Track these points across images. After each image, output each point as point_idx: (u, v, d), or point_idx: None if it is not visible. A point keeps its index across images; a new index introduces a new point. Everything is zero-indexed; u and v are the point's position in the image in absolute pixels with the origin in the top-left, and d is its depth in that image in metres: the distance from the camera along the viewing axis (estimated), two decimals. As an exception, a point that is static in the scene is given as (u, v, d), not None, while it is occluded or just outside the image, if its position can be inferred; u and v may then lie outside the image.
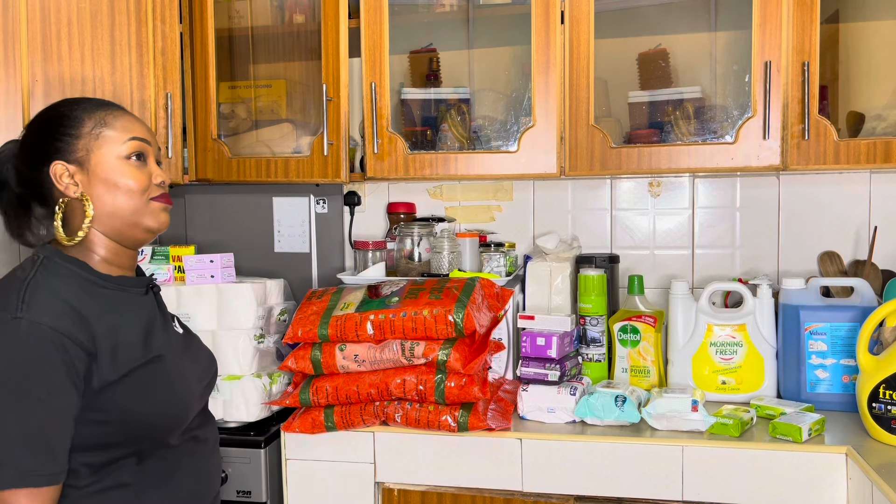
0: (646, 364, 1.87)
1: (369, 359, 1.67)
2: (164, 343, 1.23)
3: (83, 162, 1.19)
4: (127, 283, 1.23)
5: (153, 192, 1.23)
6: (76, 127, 1.20)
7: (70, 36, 1.69)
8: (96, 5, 1.73)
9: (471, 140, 2.02)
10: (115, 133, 1.21)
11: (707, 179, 2.11)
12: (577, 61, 1.81)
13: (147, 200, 1.22)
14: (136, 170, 1.21)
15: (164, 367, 1.19)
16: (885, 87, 1.89)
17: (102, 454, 1.13)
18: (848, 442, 1.53)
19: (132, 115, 1.26)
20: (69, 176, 1.19)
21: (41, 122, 1.23)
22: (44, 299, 1.10)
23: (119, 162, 1.20)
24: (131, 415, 1.13)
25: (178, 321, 1.37)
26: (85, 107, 1.23)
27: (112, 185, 1.20)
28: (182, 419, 1.21)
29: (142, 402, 1.14)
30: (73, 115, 1.21)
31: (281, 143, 2.07)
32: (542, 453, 1.63)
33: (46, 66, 1.66)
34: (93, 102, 1.24)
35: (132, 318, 1.19)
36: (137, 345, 1.17)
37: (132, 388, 1.13)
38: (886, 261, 1.98)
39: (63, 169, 1.19)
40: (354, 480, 1.72)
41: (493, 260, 2.01)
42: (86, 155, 1.19)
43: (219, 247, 2.25)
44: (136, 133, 1.23)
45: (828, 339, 1.75)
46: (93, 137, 1.20)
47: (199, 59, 2.01)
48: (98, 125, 1.21)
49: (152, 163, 1.25)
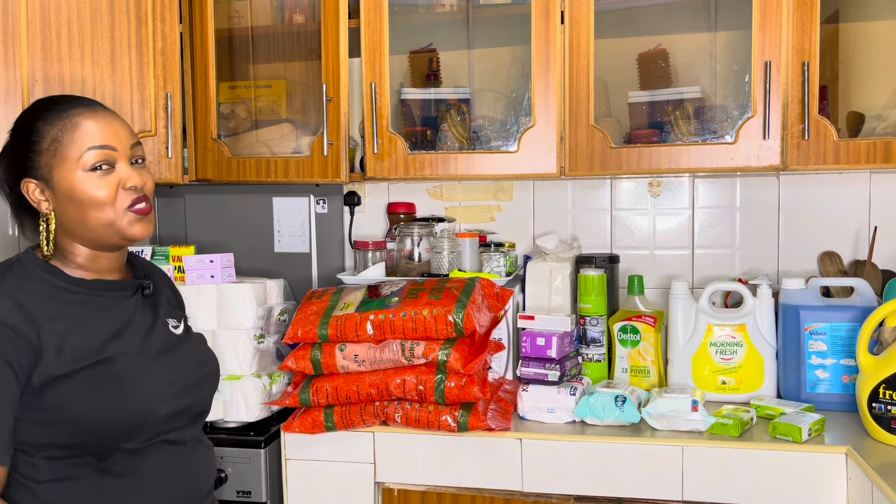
0: (646, 364, 1.87)
1: (369, 359, 1.67)
2: (129, 346, 1.18)
3: (48, 179, 1.16)
4: (103, 286, 1.20)
5: (125, 198, 1.17)
6: (37, 143, 1.16)
7: (70, 36, 1.69)
8: (96, 5, 1.72)
9: (471, 140, 2.01)
10: (73, 146, 1.15)
11: (707, 179, 2.11)
12: (577, 61, 1.81)
13: (121, 210, 1.17)
14: (100, 180, 1.16)
15: (113, 370, 1.14)
16: (885, 87, 1.89)
17: (59, 451, 1.12)
18: (848, 442, 1.53)
19: (97, 117, 1.19)
20: (40, 192, 1.17)
21: (14, 133, 1.20)
22: None
23: (81, 176, 1.15)
24: (75, 416, 1.11)
25: (184, 322, 1.34)
26: (47, 116, 1.17)
27: (77, 200, 1.16)
28: (139, 422, 1.15)
29: (86, 404, 1.11)
30: (34, 128, 1.17)
31: (281, 143, 2.07)
32: (542, 453, 1.63)
33: (46, 65, 1.66)
34: (56, 110, 1.18)
35: (96, 321, 1.17)
36: (90, 347, 1.13)
37: (74, 388, 1.11)
38: (886, 261, 1.97)
39: (34, 186, 1.17)
40: (354, 480, 1.72)
41: (493, 260, 2.01)
42: (48, 172, 1.16)
43: (219, 247, 2.26)
44: (96, 141, 1.16)
45: (828, 339, 1.75)
46: (51, 154, 1.16)
47: (199, 59, 2.01)
48: (55, 140, 1.16)
49: (123, 167, 1.18)
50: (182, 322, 1.34)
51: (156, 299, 1.31)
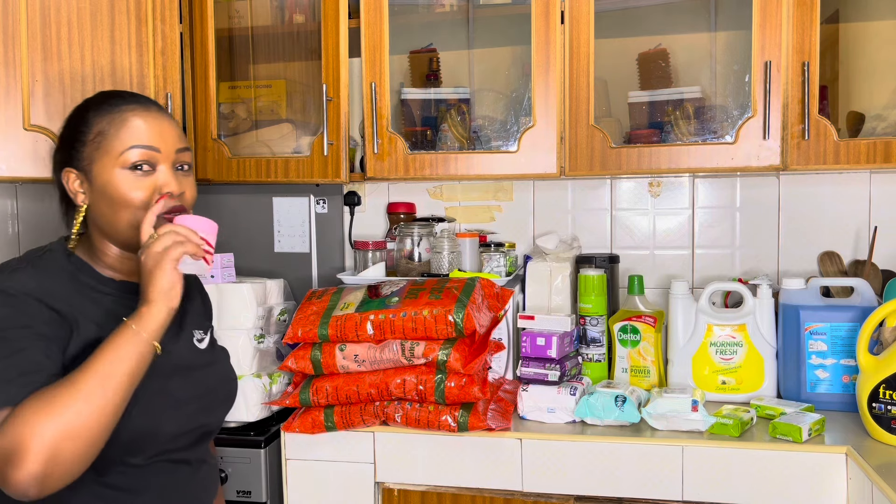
0: (646, 364, 1.87)
1: (369, 359, 1.67)
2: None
3: (87, 171, 1.14)
4: (129, 289, 1.17)
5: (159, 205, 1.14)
6: (84, 133, 1.14)
7: (70, 35, 1.69)
8: (96, 5, 1.72)
9: (471, 140, 2.01)
10: (117, 141, 1.13)
11: (707, 179, 2.11)
12: (577, 61, 1.81)
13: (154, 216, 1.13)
14: (137, 180, 1.13)
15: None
16: (885, 87, 1.89)
17: None
18: (848, 442, 1.53)
19: (148, 116, 1.16)
20: (79, 184, 1.15)
21: (66, 122, 1.19)
22: (24, 278, 1.08)
23: (119, 173, 1.12)
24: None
25: (211, 334, 1.30)
26: (99, 108, 1.15)
27: (109, 197, 1.13)
28: (144, 441, 1.12)
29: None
30: (85, 119, 1.15)
31: (281, 143, 2.07)
32: (542, 453, 1.63)
33: (46, 65, 1.66)
34: (109, 103, 1.16)
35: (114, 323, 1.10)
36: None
37: None
38: (886, 261, 1.97)
39: (74, 177, 1.15)
40: (354, 480, 1.72)
41: (493, 260, 2.01)
42: (89, 164, 1.14)
43: (219, 247, 2.25)
44: (141, 140, 1.13)
45: (828, 339, 1.75)
46: (95, 146, 1.13)
47: (199, 59, 2.01)
48: (101, 133, 1.13)
49: (164, 171, 1.15)
50: (209, 334, 1.30)
51: (183, 308, 1.24)
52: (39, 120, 1.65)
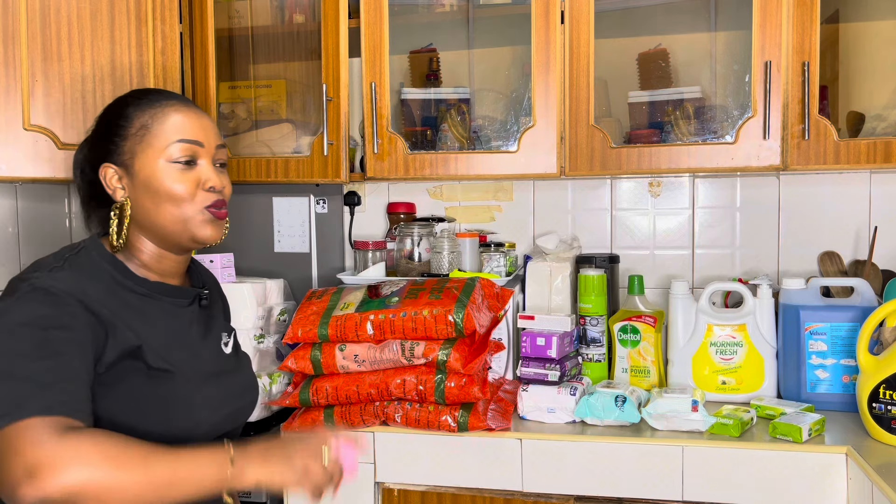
0: (646, 364, 1.87)
1: (369, 359, 1.67)
2: (185, 362, 1.14)
3: (129, 165, 1.14)
4: (163, 291, 1.17)
5: (203, 198, 1.15)
6: (125, 127, 1.14)
7: (70, 35, 1.69)
8: (96, 5, 1.72)
9: (471, 140, 2.01)
10: (161, 135, 1.13)
11: (707, 179, 2.11)
12: (577, 61, 1.81)
13: (197, 209, 1.14)
14: (181, 174, 1.14)
15: (171, 386, 1.10)
16: (885, 87, 1.89)
17: None
18: (848, 442, 1.53)
19: (189, 111, 1.17)
20: (117, 179, 1.14)
21: (102, 118, 1.19)
22: (65, 278, 1.06)
23: (163, 166, 1.13)
24: (121, 424, 1.05)
25: (234, 338, 1.30)
26: (139, 103, 1.16)
27: (153, 191, 1.13)
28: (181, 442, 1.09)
29: (133, 414, 1.07)
30: (124, 114, 1.15)
31: (281, 143, 2.07)
32: (542, 453, 1.63)
33: (46, 65, 1.66)
34: (149, 98, 1.17)
35: (153, 327, 1.12)
36: (151, 350, 1.09)
37: (125, 397, 1.06)
38: (886, 261, 1.97)
39: (112, 172, 1.14)
40: (354, 480, 1.71)
41: (493, 260, 2.01)
42: (130, 158, 1.14)
43: (219, 247, 2.25)
44: (185, 134, 1.14)
45: (828, 339, 1.75)
46: (137, 140, 1.13)
47: (199, 59, 2.01)
48: (144, 126, 1.14)
49: (205, 165, 1.16)
50: (232, 338, 1.30)
51: (211, 312, 1.26)
52: (39, 120, 1.65)
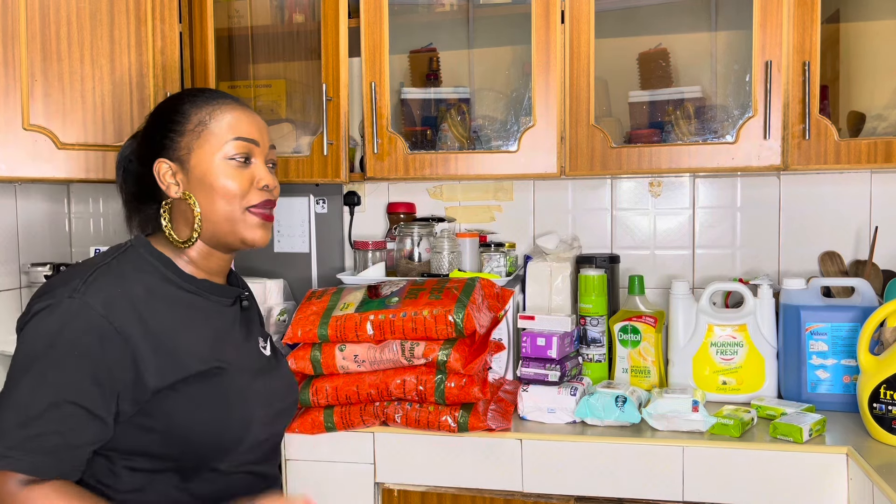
0: (646, 364, 1.87)
1: (369, 359, 1.67)
2: (233, 358, 1.15)
3: (184, 161, 1.14)
4: (209, 288, 1.17)
5: (254, 197, 1.17)
6: (181, 123, 1.15)
7: (70, 35, 1.69)
8: (96, 5, 1.72)
9: (471, 140, 2.01)
10: (219, 131, 1.15)
11: (707, 179, 2.11)
12: (578, 61, 1.81)
13: (244, 209, 1.16)
14: (236, 171, 1.15)
15: (224, 382, 1.11)
16: (885, 87, 1.88)
17: (144, 462, 1.08)
18: (849, 442, 1.53)
19: (245, 111, 1.19)
20: (172, 175, 1.15)
21: (155, 115, 1.19)
22: (106, 285, 1.06)
23: (219, 163, 1.14)
24: (178, 427, 1.07)
25: (270, 342, 1.31)
26: (195, 100, 1.17)
27: (208, 186, 1.14)
28: (236, 443, 1.12)
29: (191, 414, 1.07)
30: (181, 110, 1.16)
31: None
32: (543, 454, 1.63)
33: (46, 65, 1.65)
34: (205, 96, 1.18)
35: (200, 325, 1.13)
36: (196, 353, 1.10)
37: (183, 397, 1.07)
38: (887, 261, 1.97)
39: (167, 167, 1.15)
40: (354, 481, 1.72)
41: (493, 260, 2.01)
42: (187, 154, 1.14)
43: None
44: (242, 132, 1.16)
45: (828, 340, 1.75)
46: (195, 136, 1.14)
47: (199, 58, 2.00)
48: (202, 122, 1.15)
49: (258, 165, 1.18)
50: (268, 342, 1.31)
51: (250, 315, 1.27)
52: (39, 120, 1.65)
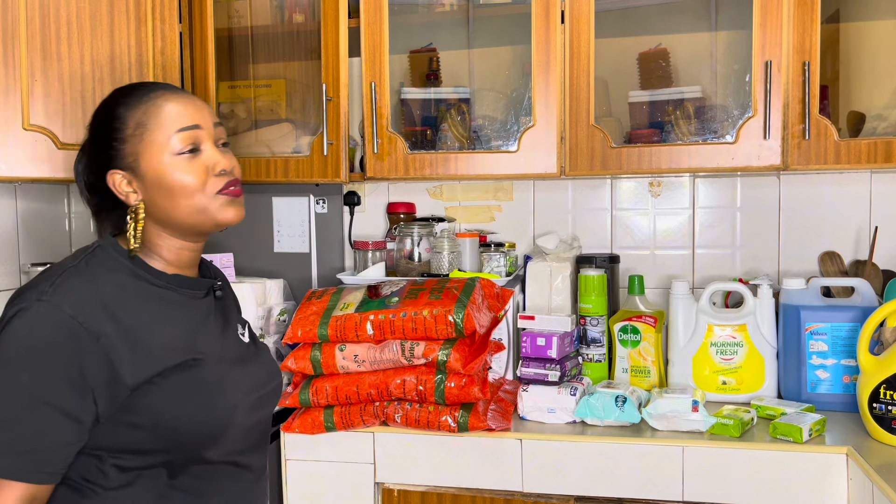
0: (646, 364, 1.87)
1: (369, 359, 1.67)
2: (210, 348, 1.14)
3: (135, 168, 1.11)
4: (181, 282, 1.16)
5: (216, 183, 1.12)
6: (120, 130, 1.12)
7: (69, 35, 1.69)
8: (96, 5, 1.72)
9: (471, 140, 2.01)
10: (160, 129, 1.11)
11: (707, 179, 2.11)
12: (578, 61, 1.81)
13: (212, 194, 1.12)
14: (188, 164, 1.11)
15: (201, 373, 1.10)
16: (885, 87, 1.88)
17: (134, 459, 1.08)
18: (848, 442, 1.53)
19: (179, 97, 1.14)
20: (127, 183, 1.12)
21: (94, 125, 1.16)
22: (75, 286, 1.04)
23: (169, 161, 1.10)
24: (164, 421, 1.06)
25: (249, 329, 1.30)
26: (128, 102, 1.13)
27: (166, 188, 1.11)
28: (221, 431, 1.12)
29: (173, 407, 1.07)
30: (117, 115, 1.13)
31: (281, 143, 2.07)
32: (543, 454, 1.63)
33: (46, 65, 1.65)
34: (137, 94, 1.14)
35: (173, 319, 1.12)
36: (177, 347, 1.09)
37: (166, 391, 1.06)
38: (887, 261, 1.97)
39: (120, 177, 1.12)
40: (354, 480, 1.72)
41: (493, 260, 2.01)
42: (135, 160, 1.11)
43: (219, 247, 2.25)
44: (183, 122, 1.11)
45: (828, 340, 1.75)
46: (137, 140, 1.11)
47: (199, 58, 2.00)
48: (140, 124, 1.11)
49: (209, 149, 1.13)
50: (246, 329, 1.30)
51: (225, 303, 1.26)
52: (39, 120, 1.65)
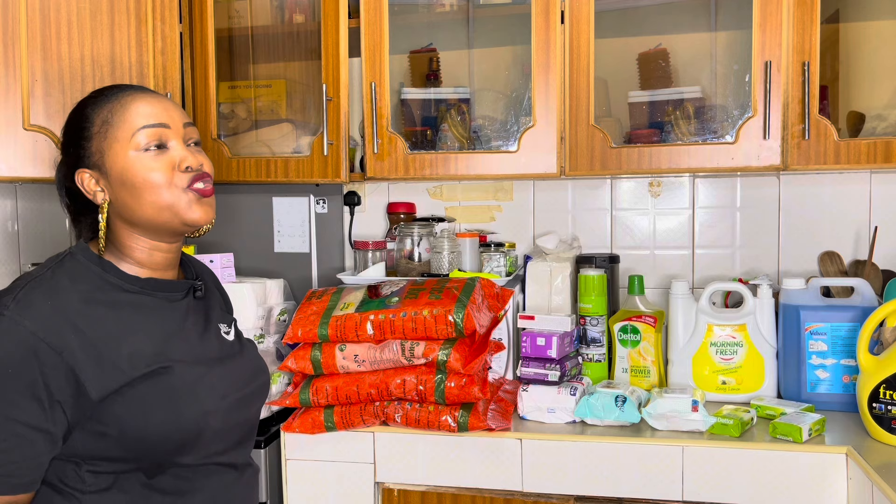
0: (646, 364, 1.87)
1: (369, 359, 1.67)
2: (184, 353, 1.13)
3: (101, 165, 1.11)
4: (155, 286, 1.14)
5: (182, 179, 1.11)
6: (87, 128, 1.12)
7: (70, 35, 1.69)
8: (96, 5, 1.72)
9: (471, 140, 2.01)
10: (124, 125, 1.10)
11: (707, 179, 2.11)
12: (577, 61, 1.81)
13: (178, 192, 1.10)
14: (153, 161, 1.10)
15: (171, 380, 1.08)
16: (885, 87, 1.88)
17: (107, 465, 1.07)
18: (848, 442, 1.53)
19: (147, 97, 1.13)
20: (94, 182, 1.12)
21: (65, 127, 1.16)
22: (38, 299, 1.03)
23: (134, 157, 1.09)
24: (131, 430, 1.05)
25: (235, 327, 1.28)
26: (96, 101, 1.13)
27: (130, 185, 1.10)
28: (194, 437, 1.10)
29: (140, 417, 1.05)
30: (84, 115, 1.13)
31: (281, 143, 2.07)
32: (542, 453, 1.63)
33: (46, 65, 1.65)
34: (105, 95, 1.14)
35: (145, 325, 1.11)
36: (145, 354, 1.08)
37: (130, 401, 1.05)
38: (887, 261, 1.97)
39: (88, 176, 1.12)
40: (354, 480, 1.72)
41: (493, 260, 2.01)
42: (100, 158, 1.11)
43: (219, 247, 2.26)
44: (148, 120, 1.10)
45: (828, 339, 1.75)
46: (102, 137, 1.11)
47: (199, 58, 2.01)
48: (105, 121, 1.11)
49: (177, 146, 1.12)
50: (232, 327, 1.29)
51: (208, 303, 1.24)
52: (39, 120, 1.65)
